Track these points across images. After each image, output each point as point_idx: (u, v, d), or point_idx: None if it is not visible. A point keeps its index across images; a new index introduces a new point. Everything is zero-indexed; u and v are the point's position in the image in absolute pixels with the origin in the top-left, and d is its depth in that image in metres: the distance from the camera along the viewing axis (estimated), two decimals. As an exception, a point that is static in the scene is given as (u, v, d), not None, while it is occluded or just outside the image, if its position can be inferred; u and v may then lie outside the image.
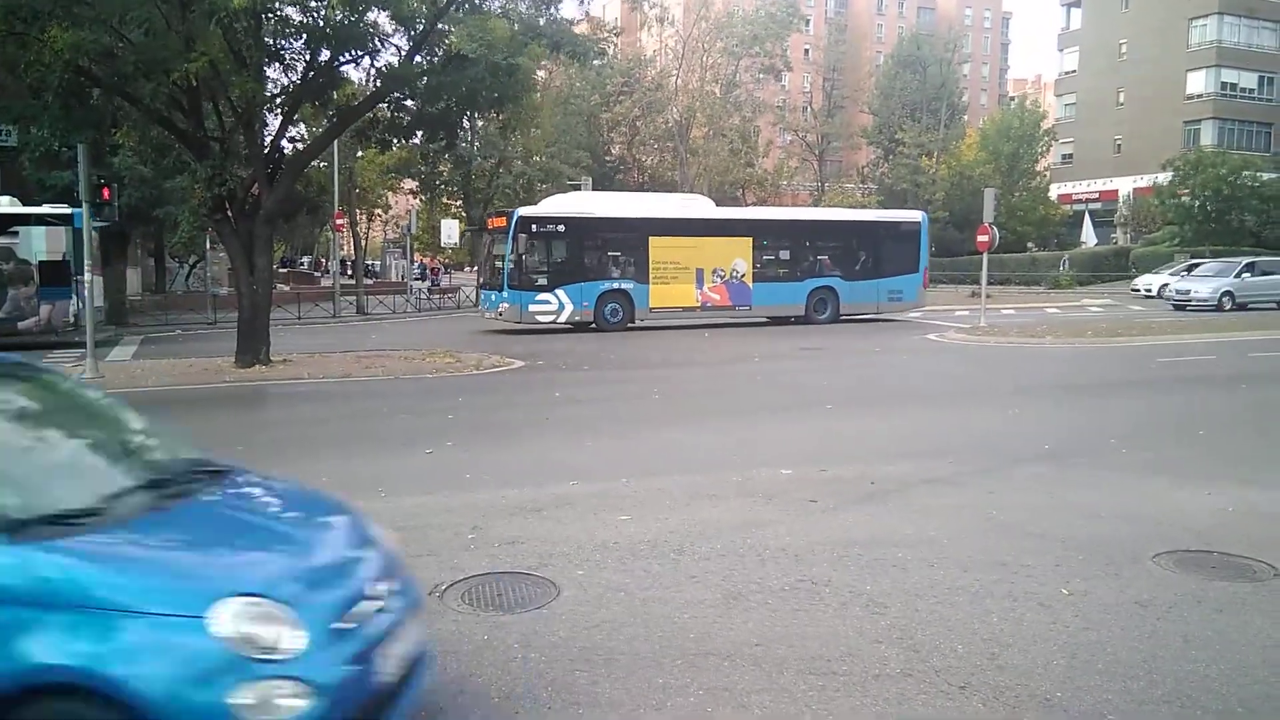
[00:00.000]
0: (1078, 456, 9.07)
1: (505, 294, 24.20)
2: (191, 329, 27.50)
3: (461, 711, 3.92)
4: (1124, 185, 56.99)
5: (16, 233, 21.07)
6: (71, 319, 21.09)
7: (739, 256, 26.25)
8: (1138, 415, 11.72)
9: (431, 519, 6.80)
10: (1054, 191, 61.89)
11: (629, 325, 24.92)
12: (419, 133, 18.14)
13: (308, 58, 16.25)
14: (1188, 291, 30.90)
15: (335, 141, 24.25)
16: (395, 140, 18.64)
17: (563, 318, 24.50)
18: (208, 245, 32.05)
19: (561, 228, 24.69)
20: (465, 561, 5.82)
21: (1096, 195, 59.54)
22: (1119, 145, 58.41)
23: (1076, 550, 6.00)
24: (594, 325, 24.55)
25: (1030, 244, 57.03)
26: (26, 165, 25.89)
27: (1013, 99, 75.63)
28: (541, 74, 37.21)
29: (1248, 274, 30.96)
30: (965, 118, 70.77)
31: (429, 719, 3.86)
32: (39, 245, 21.13)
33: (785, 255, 27.25)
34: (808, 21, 68.03)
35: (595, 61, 36.79)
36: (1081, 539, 6.25)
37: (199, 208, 15.77)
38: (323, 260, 71.26)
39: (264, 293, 16.65)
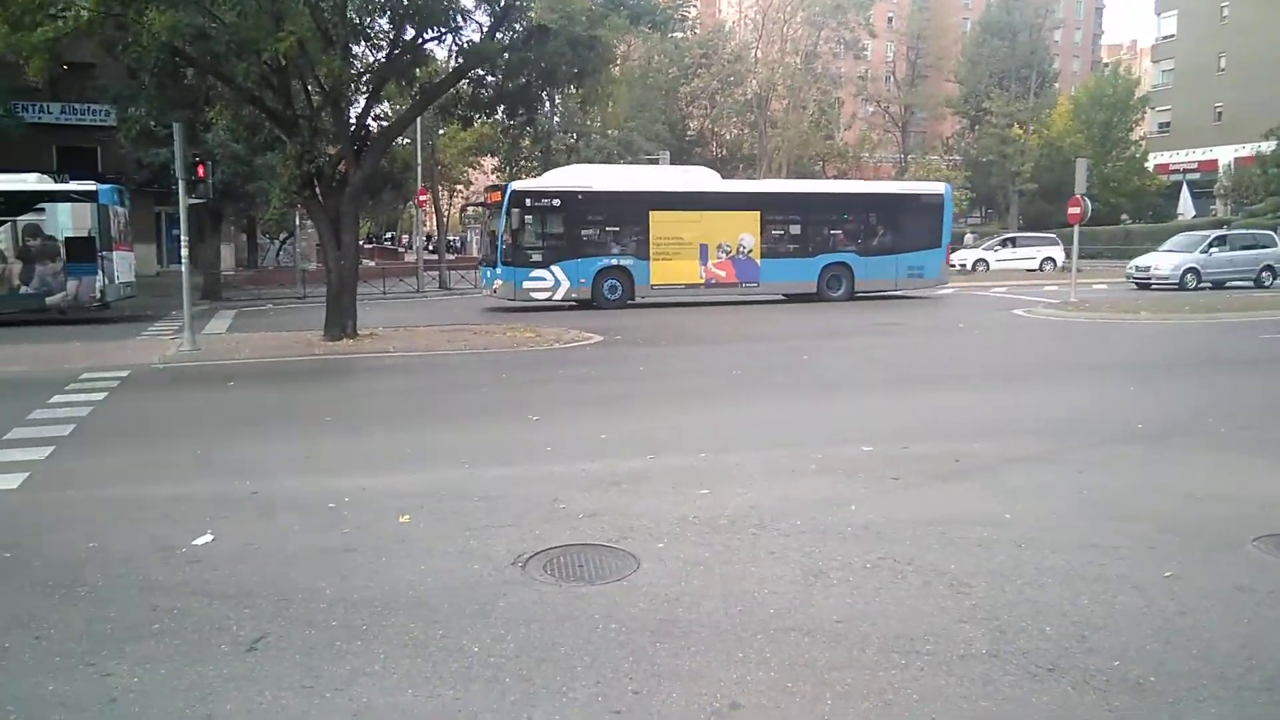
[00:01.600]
0: (1173, 435, 8.76)
1: (499, 270, 23.82)
2: (282, 303, 28.33)
3: (546, 679, 3.97)
4: (1224, 155, 54.45)
5: (43, 209, 21.59)
6: (98, 294, 21.81)
7: (746, 231, 25.40)
8: (1237, 393, 11.26)
9: (513, 490, 6.90)
10: (1151, 161, 59.46)
11: (628, 303, 24.41)
12: (500, 108, 18.24)
13: (392, 35, 16.52)
14: (1148, 268, 28.80)
15: (418, 119, 24.61)
16: (476, 116, 18.81)
17: (559, 295, 24.11)
18: (297, 221, 32.91)
19: (557, 202, 24.03)
20: (547, 532, 5.89)
21: (1195, 165, 56.99)
22: (1219, 113, 55.79)
23: (1171, 532, 5.80)
24: (592, 303, 24.06)
25: (1124, 216, 54.99)
26: (125, 144, 26.91)
27: (1106, 65, 72.74)
28: (620, 48, 37.05)
29: (1217, 248, 28.61)
30: (1056, 85, 68.28)
31: (514, 685, 3.92)
32: (65, 222, 21.58)
33: (796, 230, 26.35)
34: (892, -12, 66.41)
35: (675, 34, 36.50)
36: (1177, 521, 6.04)
37: (289, 184, 16.16)
38: (404, 236, 72.50)
39: (350, 268, 17.05)
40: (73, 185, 22.15)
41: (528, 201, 23.77)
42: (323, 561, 5.45)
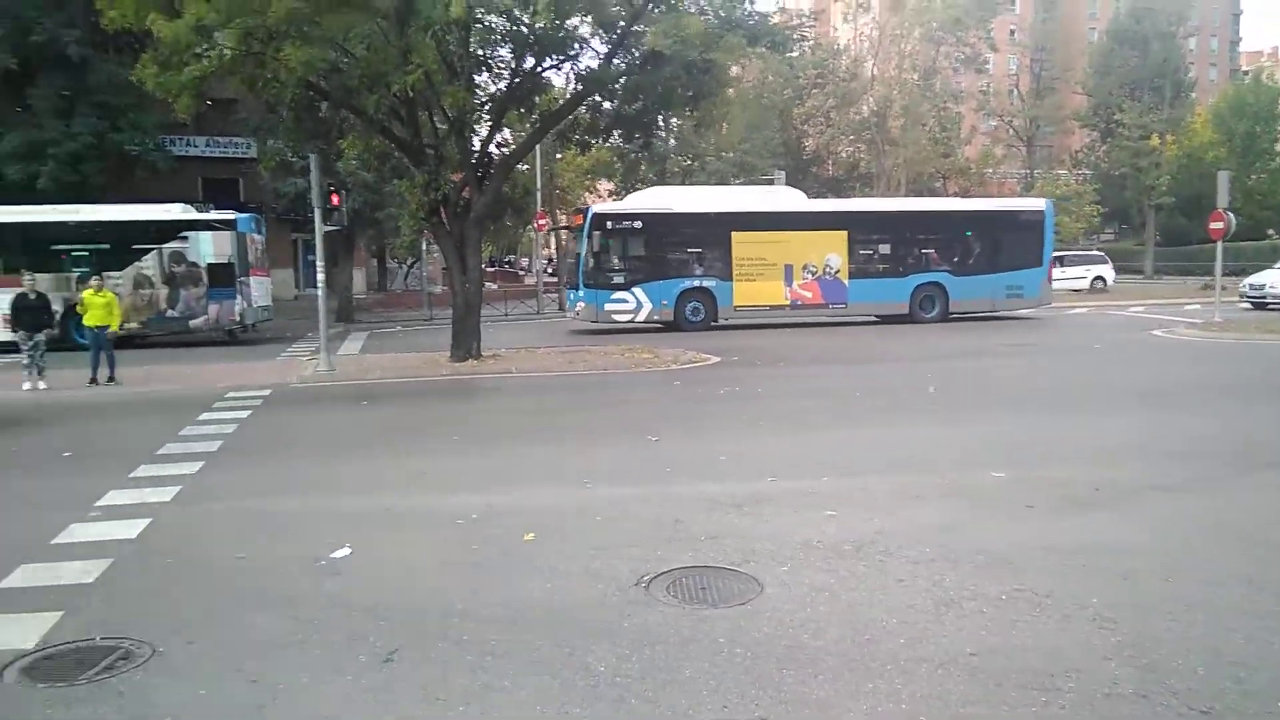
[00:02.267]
0: (1335, 465, 8.18)
1: (581, 293, 23.86)
2: (410, 325, 29.31)
3: (672, 702, 3.97)
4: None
5: (187, 237, 22.77)
6: (237, 317, 22.89)
7: (833, 251, 24.84)
8: None
9: (635, 510, 6.94)
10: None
11: (711, 325, 24.10)
12: (616, 133, 18.51)
13: (513, 65, 17.01)
14: (1262, 286, 26.58)
15: (537, 145, 25.17)
16: (594, 141, 19.13)
17: (640, 317, 24.03)
18: (424, 246, 34.03)
19: (638, 224, 24.01)
20: (669, 553, 5.90)
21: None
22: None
23: (1337, 569, 5.42)
24: (674, 325, 23.82)
25: (1271, 231, 51.81)
26: (264, 174, 28.38)
27: (1246, 73, 68.85)
28: (734, 70, 37.14)
29: None
30: (1193, 95, 64.99)
31: (640, 707, 3.93)
32: (207, 249, 22.76)
33: (886, 249, 25.54)
34: (1014, 0, 64.55)
35: (791, 54, 36.35)
36: (1342, 556, 5.64)
37: (416, 211, 16.75)
38: (524, 259, 74.01)
39: (475, 291, 17.52)
40: (213, 214, 23.44)
41: (609, 224, 23.91)
42: (453, 576, 5.59)
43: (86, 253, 21.93)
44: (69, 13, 25.95)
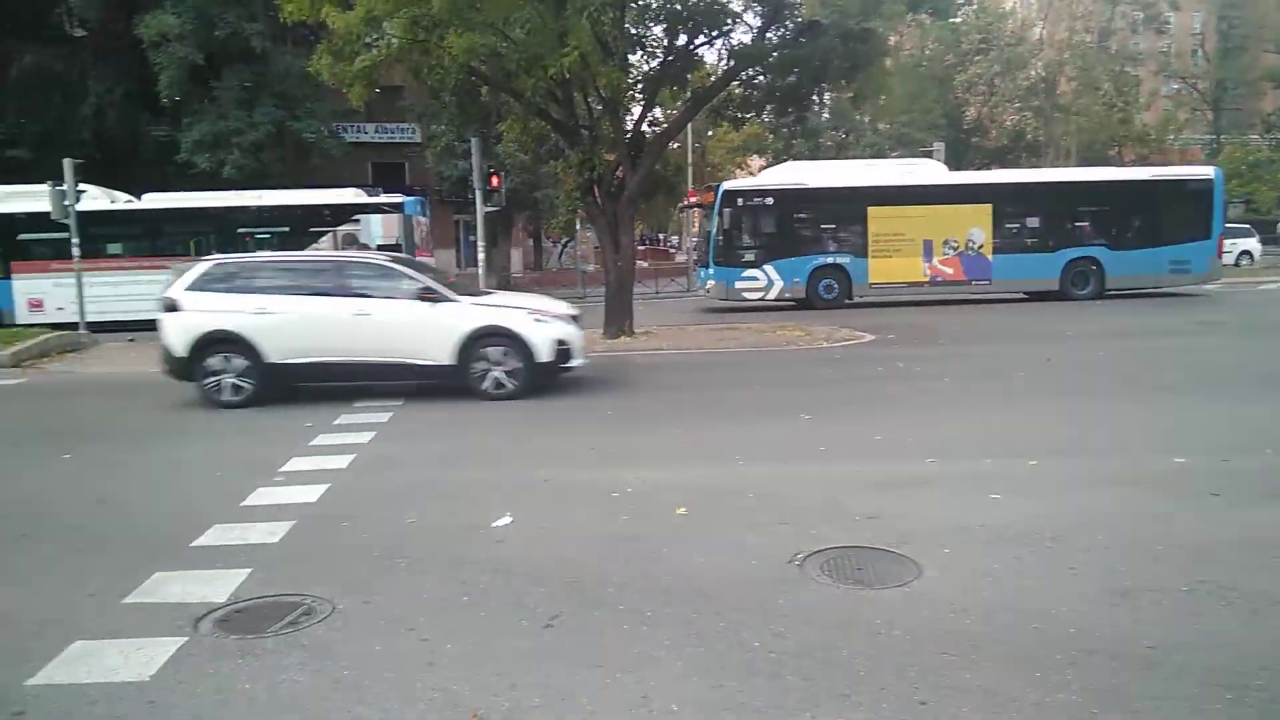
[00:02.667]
0: None
1: (711, 270, 23.49)
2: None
3: (829, 681, 3.94)
4: None
5: (359, 220, 23.90)
6: None
7: (976, 225, 23.52)
8: None
9: (788, 488, 6.90)
10: None
11: (845, 303, 23.36)
12: (769, 108, 18.26)
13: (666, 43, 17.02)
14: None
15: (689, 123, 25.14)
16: (747, 117, 18.95)
17: (771, 295, 23.54)
18: (578, 225, 34.66)
19: (770, 200, 23.48)
20: (824, 533, 5.83)
21: None
22: None
23: None
24: (806, 302, 23.27)
25: None
26: (429, 159, 29.53)
27: None
28: (893, 39, 35.99)
29: None
30: None
31: (796, 683, 3.92)
32: (376, 231, 23.83)
33: (1034, 223, 24.02)
34: (1203, -48, 59.87)
35: (953, 19, 34.92)
36: None
37: (572, 191, 17.06)
38: (674, 237, 74.26)
39: (627, 269, 17.73)
40: (383, 198, 24.56)
41: (740, 201, 23.58)
42: (609, 548, 5.71)
43: (268, 235, 23.40)
44: (250, 8, 27.60)
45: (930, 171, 25.21)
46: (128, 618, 4.84)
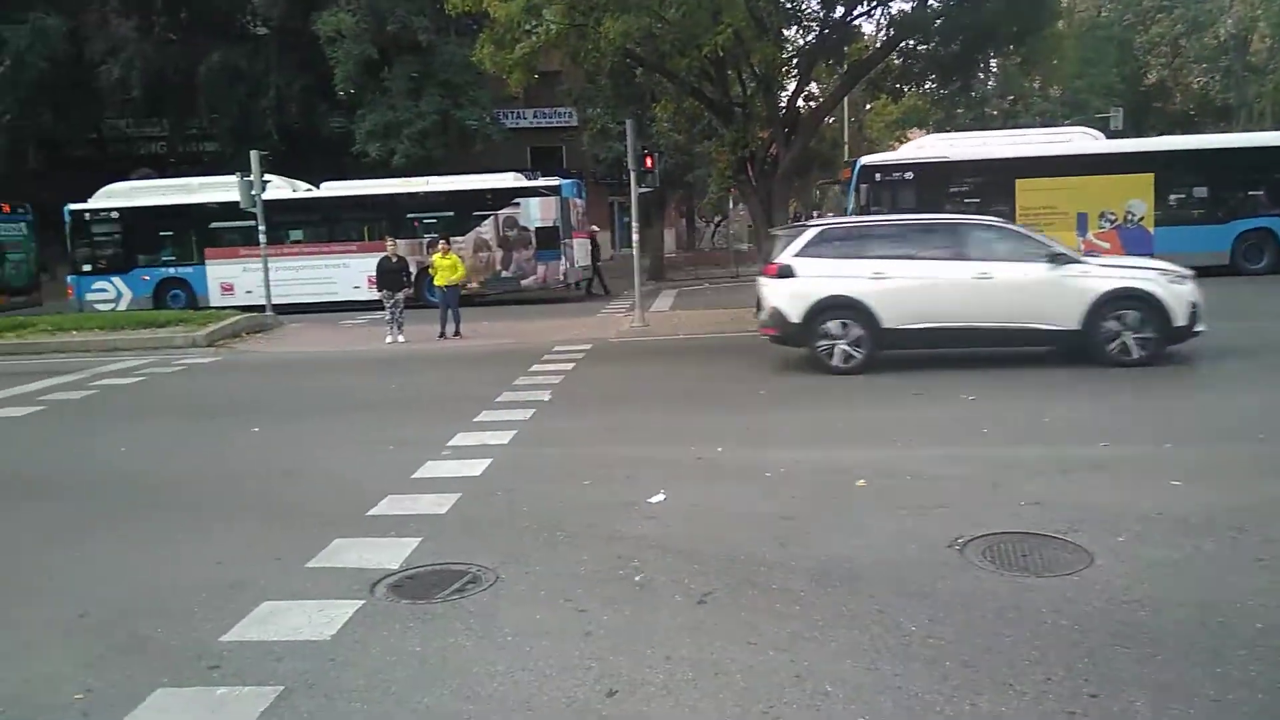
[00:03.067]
0: None
1: None
2: (718, 282, 29.89)
3: (991, 669, 3.84)
4: None
5: (519, 204, 24.44)
6: (561, 277, 24.43)
7: (1135, 196, 21.85)
8: None
9: (949, 470, 6.71)
10: None
11: None
12: (932, 78, 17.63)
13: (822, 15, 16.67)
14: None
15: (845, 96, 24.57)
16: (908, 88, 18.36)
17: None
18: (730, 205, 34.52)
19: (909, 175, 22.40)
20: (985, 518, 5.65)
21: None
22: None
23: None
24: None
25: None
26: (585, 142, 30.02)
27: None
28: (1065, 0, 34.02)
29: None
30: None
31: (956, 670, 3.83)
32: (535, 214, 24.33)
33: (1201, 193, 22.02)
34: None
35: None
36: None
37: (725, 169, 17.02)
38: (829, 214, 72.84)
39: (781, 247, 17.54)
40: (541, 181, 25.17)
41: (877, 176, 22.73)
42: (762, 527, 5.71)
43: (434, 220, 24.42)
44: (419, 2, 28.72)
45: (1083, 140, 23.70)
46: (310, 581, 5.19)
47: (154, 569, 5.55)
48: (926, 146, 24.43)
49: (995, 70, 39.49)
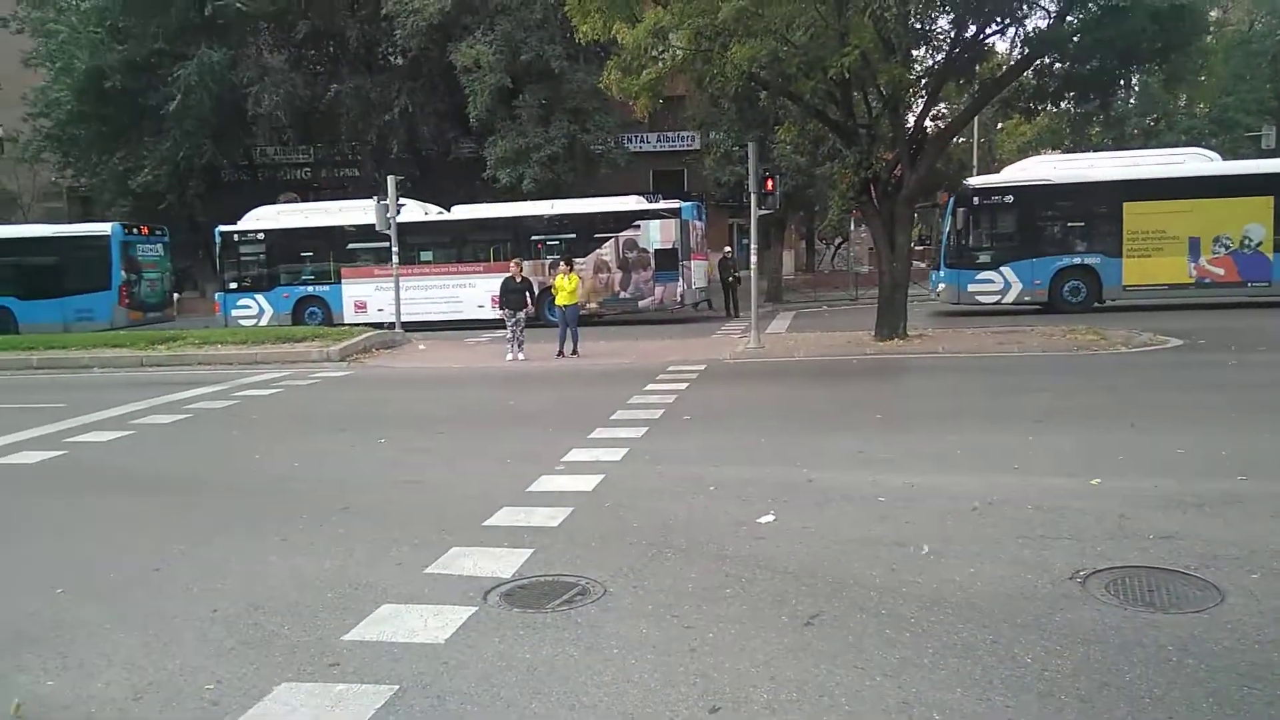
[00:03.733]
0: None
1: (942, 272, 22.17)
2: (836, 304, 29.62)
3: (1109, 705, 3.70)
4: None
5: (639, 226, 24.74)
6: (679, 298, 24.53)
7: (1255, 220, 20.71)
8: None
9: (1072, 501, 6.47)
10: None
11: (1094, 306, 21.26)
12: (1068, 96, 17.05)
13: (953, 35, 16.35)
14: None
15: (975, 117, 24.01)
16: (1042, 107, 17.80)
17: (1009, 298, 22.09)
18: (851, 226, 34.09)
19: (1009, 198, 21.96)
20: (1110, 550, 5.44)
21: None
22: None
23: None
24: (1050, 306, 21.56)
25: None
26: (709, 165, 30.22)
27: None
28: (1215, 13, 32.44)
29: None
30: None
31: (1071, 704, 3.71)
32: (654, 236, 24.60)
33: None
34: None
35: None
36: None
37: (846, 191, 16.86)
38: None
39: (903, 270, 17.26)
40: (661, 204, 25.45)
41: (975, 199, 22.34)
42: (872, 551, 5.64)
43: (557, 241, 24.99)
44: (550, 31, 29.52)
45: (1197, 161, 22.72)
46: (427, 586, 5.40)
47: (282, 569, 5.87)
48: (1029, 169, 23.91)
49: (1135, 88, 37.85)
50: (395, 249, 21.44)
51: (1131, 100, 38.87)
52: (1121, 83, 17.23)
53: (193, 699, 4.15)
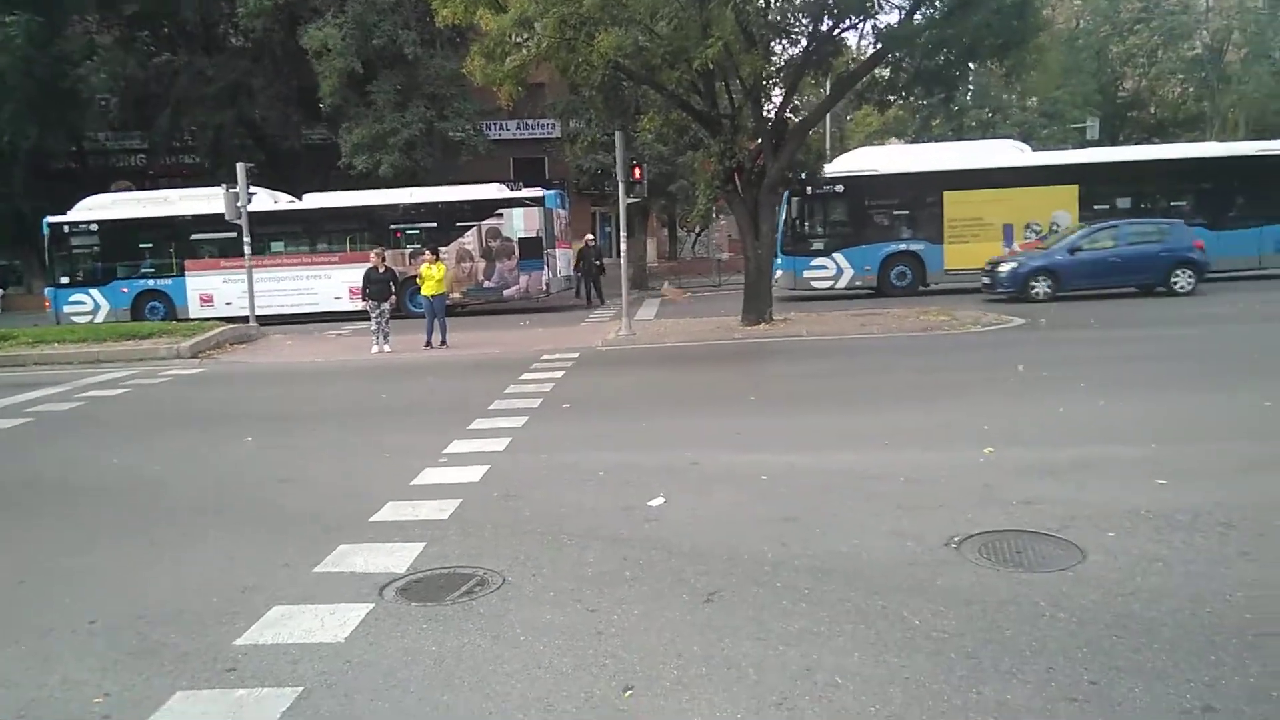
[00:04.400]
0: None
1: (779, 260, 23.00)
2: (699, 291, 30.11)
3: (994, 659, 3.96)
4: None
5: (502, 214, 24.65)
6: (544, 287, 24.58)
7: (1062, 208, 22.63)
8: None
9: (940, 473, 6.85)
10: None
11: (919, 290, 22.79)
12: (917, 89, 17.87)
13: (810, 29, 16.86)
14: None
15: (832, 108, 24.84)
16: (893, 99, 18.60)
17: (841, 283, 23.46)
18: (715, 215, 34.71)
19: (839, 188, 23.26)
20: (979, 517, 5.79)
21: None
22: None
23: None
24: (878, 290, 22.99)
25: None
26: (572, 153, 30.18)
27: None
28: (1046, 10, 34.47)
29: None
30: None
31: (960, 661, 3.95)
32: (518, 224, 24.56)
33: (1125, 204, 22.88)
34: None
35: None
36: None
37: (712, 180, 17.18)
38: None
39: (767, 256, 17.76)
40: (524, 193, 25.29)
41: (809, 189, 23.32)
42: (762, 528, 5.82)
43: (416, 230, 24.49)
44: (404, 15, 28.79)
45: (1009, 152, 24.41)
46: (319, 585, 5.25)
47: (160, 576, 5.60)
48: (857, 159, 25.00)
49: (973, 84, 39.93)
50: (248, 239, 20.55)
51: (969, 94, 41.03)
52: (964, 77, 18.17)
53: (82, 715, 3.93)
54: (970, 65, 17.65)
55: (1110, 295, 19.87)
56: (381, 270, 16.95)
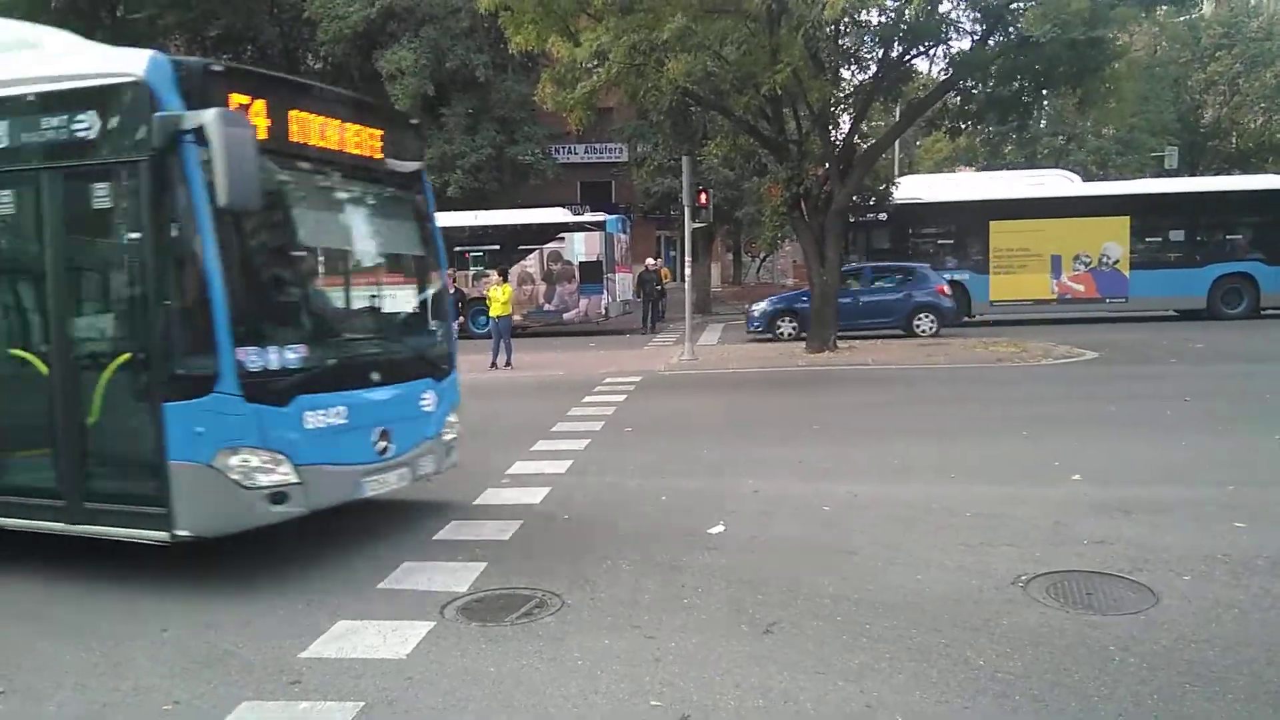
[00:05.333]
0: None
1: None
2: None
3: (1061, 703, 3.86)
4: None
5: (564, 238, 24.87)
6: (604, 311, 24.70)
7: (1111, 239, 21.97)
8: None
9: (1008, 509, 6.71)
10: None
11: (964, 320, 22.07)
12: (990, 116, 17.67)
13: (880, 55, 16.81)
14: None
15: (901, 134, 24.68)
16: (965, 126, 18.41)
17: None
18: (779, 241, 34.63)
19: (883, 216, 22.55)
20: (1049, 555, 5.66)
21: None
22: None
23: None
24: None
25: None
26: (640, 177, 30.43)
27: None
28: (1123, 38, 33.83)
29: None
30: None
31: (1025, 704, 3.87)
32: (579, 249, 24.78)
33: (1178, 236, 22.17)
34: None
35: (1192, 14, 32.46)
36: None
37: (779, 206, 17.18)
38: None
39: (832, 283, 17.63)
40: (586, 217, 25.55)
41: (853, 218, 22.67)
42: (822, 559, 5.77)
43: (480, 253, 24.85)
44: (477, 40, 29.39)
45: (1058, 184, 23.99)
46: (382, 602, 5.33)
47: (227, 588, 5.72)
48: (904, 187, 24.55)
49: (1047, 110, 39.29)
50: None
51: (1043, 122, 40.35)
52: (1036, 104, 17.92)
53: (152, 720, 4.05)
54: (1044, 92, 17.37)
55: (1193, 328, 19.32)
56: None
